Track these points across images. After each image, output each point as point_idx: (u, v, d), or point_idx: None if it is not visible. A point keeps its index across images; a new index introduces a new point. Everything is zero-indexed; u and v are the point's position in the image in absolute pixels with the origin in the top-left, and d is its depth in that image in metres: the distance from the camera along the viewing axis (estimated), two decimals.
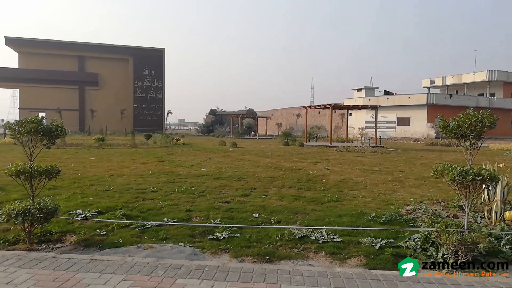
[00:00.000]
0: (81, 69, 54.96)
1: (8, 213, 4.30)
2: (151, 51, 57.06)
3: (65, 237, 4.71)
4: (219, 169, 11.51)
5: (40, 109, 53.00)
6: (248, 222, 5.39)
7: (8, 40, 51.99)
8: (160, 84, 56.74)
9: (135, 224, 5.15)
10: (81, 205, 6.25)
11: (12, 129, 4.45)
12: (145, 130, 37.30)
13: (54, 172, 4.58)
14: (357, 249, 4.30)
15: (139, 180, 9.17)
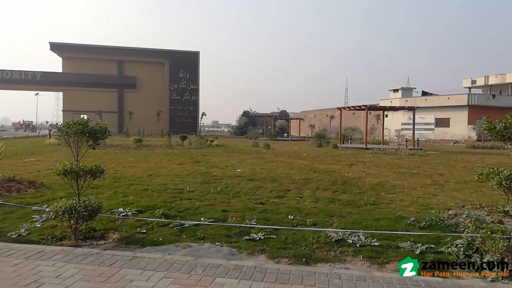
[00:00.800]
0: (120, 73, 56.95)
1: (56, 210, 4.53)
2: (186, 54, 58.25)
3: (107, 234, 4.90)
4: (253, 171, 11.58)
5: (82, 111, 55.38)
6: (283, 223, 5.39)
7: (53, 45, 54.76)
8: (195, 87, 57.79)
9: (174, 223, 5.28)
10: (122, 204, 6.48)
11: (60, 131, 4.70)
12: (180, 132, 38.15)
13: (98, 171, 4.79)
14: (396, 254, 4.20)
15: (176, 180, 9.39)
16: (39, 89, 62.38)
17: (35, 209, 6.03)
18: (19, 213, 5.82)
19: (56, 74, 55.51)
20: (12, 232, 4.83)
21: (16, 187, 7.72)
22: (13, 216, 5.66)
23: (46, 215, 5.62)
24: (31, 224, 5.19)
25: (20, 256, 3.83)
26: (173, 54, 57.52)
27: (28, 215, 5.68)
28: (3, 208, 6.09)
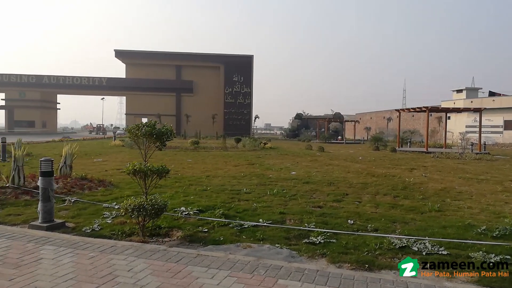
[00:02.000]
0: (178, 77, 59.32)
1: (126, 208, 4.81)
2: (241, 58, 59.27)
3: (172, 232, 5.12)
4: (308, 174, 11.49)
5: (143, 114, 58.47)
6: (343, 228, 5.29)
7: (117, 53, 58.39)
8: (248, 90, 58.60)
9: (233, 224, 5.39)
10: (184, 203, 6.74)
11: (130, 133, 4.99)
12: (234, 134, 38.88)
13: (164, 172, 5.02)
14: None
15: (233, 182, 9.57)
16: (105, 93, 66.80)
17: (105, 206, 6.46)
18: (91, 210, 6.27)
19: (120, 80, 59.07)
20: (86, 227, 5.20)
21: (88, 185, 8.31)
22: (86, 212, 6.10)
23: (115, 212, 5.99)
24: (103, 220, 5.56)
25: (95, 250, 4.12)
26: (228, 58, 58.81)
27: (100, 212, 6.10)
28: (77, 205, 6.60)
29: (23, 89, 57.52)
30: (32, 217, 5.62)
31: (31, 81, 57.25)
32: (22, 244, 4.29)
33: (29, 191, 7.27)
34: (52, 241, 4.42)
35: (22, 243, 4.31)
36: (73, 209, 6.27)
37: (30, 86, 57.39)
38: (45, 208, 5.21)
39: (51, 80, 57.58)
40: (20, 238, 4.54)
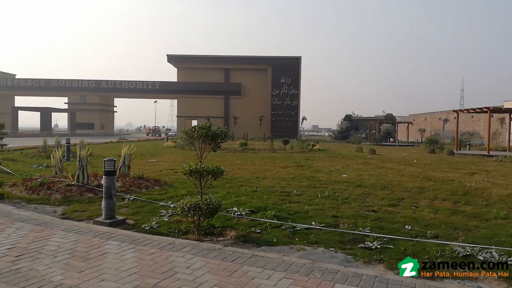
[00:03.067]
0: (226, 80, 60.38)
1: (182, 207, 4.97)
2: (288, 59, 59.13)
3: (225, 231, 5.21)
4: (360, 177, 11.19)
5: (193, 116, 60.16)
6: (400, 233, 5.09)
7: (169, 57, 60.60)
8: (296, 91, 58.30)
9: (286, 225, 5.38)
10: (235, 203, 6.83)
11: (187, 134, 5.16)
12: (281, 136, 38.81)
13: (218, 172, 5.13)
14: None
15: (282, 184, 9.56)
16: (157, 97, 69.58)
17: (161, 204, 6.72)
18: (148, 208, 6.54)
19: (172, 83, 61.23)
20: (145, 224, 5.44)
21: (145, 184, 8.68)
22: (144, 210, 6.38)
23: (171, 210, 6.21)
24: (160, 218, 5.78)
25: (155, 246, 4.30)
26: (275, 60, 58.92)
27: (156, 210, 6.35)
28: (135, 203, 6.92)
29: (84, 93, 61.44)
30: (95, 214, 5.97)
31: (91, 86, 60.99)
32: (89, 238, 4.58)
33: (92, 189, 7.74)
34: (115, 236, 4.67)
35: (88, 238, 4.60)
36: (132, 207, 6.59)
37: (90, 91, 61.17)
38: (108, 205, 5.52)
39: (109, 84, 60.98)
40: (87, 233, 4.84)
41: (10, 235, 4.66)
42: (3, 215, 5.75)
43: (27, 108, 60.25)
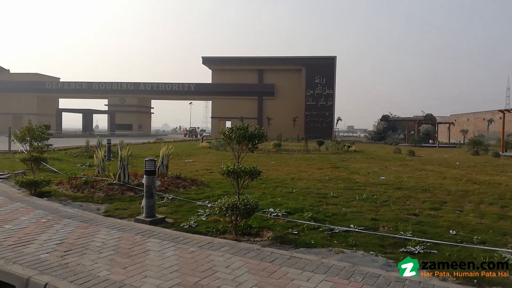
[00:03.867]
0: (260, 81, 60.57)
1: (220, 206, 5.03)
2: (323, 59, 58.45)
3: (262, 232, 5.22)
4: (399, 179, 10.87)
5: (227, 117, 60.79)
6: (444, 238, 4.89)
7: (204, 59, 61.63)
8: (330, 92, 57.54)
9: (323, 228, 5.31)
10: (271, 204, 6.83)
11: (225, 135, 5.21)
12: (315, 137, 38.39)
13: (256, 173, 5.14)
14: None
15: (318, 185, 9.45)
16: (192, 98, 70.85)
17: (199, 204, 6.82)
18: (187, 207, 6.67)
19: (206, 85, 62.20)
20: (184, 223, 5.54)
21: (182, 184, 8.86)
22: (183, 209, 6.51)
23: (208, 210, 6.30)
24: (198, 217, 5.87)
25: (194, 245, 4.37)
26: (309, 61, 58.44)
27: (194, 209, 6.46)
28: (174, 202, 7.07)
29: (123, 96, 63.63)
30: (136, 212, 6.16)
31: (130, 88, 63.05)
32: (131, 236, 4.72)
33: (133, 188, 7.99)
34: (156, 234, 4.80)
35: (131, 235, 4.75)
36: (171, 206, 6.74)
37: (128, 93, 63.25)
38: (149, 204, 5.67)
39: (146, 86, 62.82)
40: (129, 230, 5.00)
41: (58, 231, 4.90)
42: (51, 211, 6.05)
43: (70, 110, 63.15)
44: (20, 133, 8.15)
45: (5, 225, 5.12)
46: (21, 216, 5.69)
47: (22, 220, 5.44)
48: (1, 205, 6.44)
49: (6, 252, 4.03)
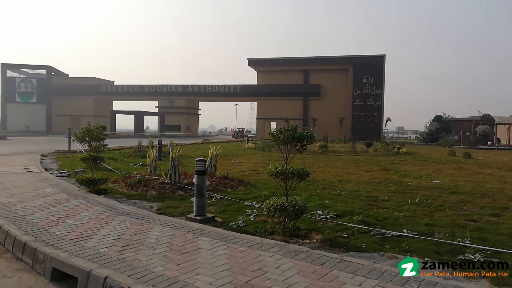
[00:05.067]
0: (305, 82, 60.10)
1: (268, 207, 5.05)
2: (371, 58, 56.87)
3: (310, 234, 5.17)
4: (454, 183, 10.32)
5: (272, 118, 60.92)
6: (506, 246, 4.57)
7: (250, 61, 62.23)
8: (379, 91, 55.82)
9: (374, 232, 5.17)
10: (319, 206, 6.75)
11: (273, 136, 5.23)
12: (362, 138, 37.41)
13: (304, 174, 5.11)
14: None
15: (368, 188, 9.21)
16: (238, 100, 71.88)
17: (246, 204, 6.90)
18: (234, 207, 6.77)
19: (252, 86, 62.75)
20: (232, 222, 5.63)
21: (230, 184, 9.00)
22: (231, 209, 6.61)
23: (256, 210, 6.35)
24: (246, 217, 5.94)
25: (244, 245, 4.42)
26: (357, 60, 57.10)
27: (242, 209, 6.54)
28: (222, 201, 7.20)
29: (172, 98, 65.87)
30: (187, 210, 6.35)
31: (178, 90, 65.14)
32: (183, 233, 4.88)
33: (183, 187, 8.23)
34: (206, 233, 4.91)
35: (183, 233, 4.90)
36: (220, 205, 6.87)
37: (177, 95, 65.36)
38: (199, 203, 5.82)
39: (194, 89, 64.58)
40: (181, 228, 5.16)
41: (115, 227, 5.16)
42: (109, 208, 6.39)
43: (124, 112, 66.33)
44: (80, 134, 8.68)
45: (68, 220, 5.48)
46: (82, 212, 6.06)
47: (82, 216, 5.80)
48: (64, 201, 6.90)
49: (69, 245, 4.31)
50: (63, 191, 7.94)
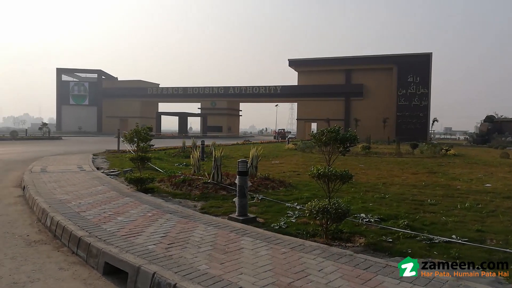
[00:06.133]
0: (347, 82, 58.97)
1: (310, 209, 5.03)
2: (416, 56, 54.79)
3: (353, 237, 5.10)
4: (508, 187, 9.72)
5: (312, 119, 60.37)
6: None
7: (290, 62, 62.06)
8: (425, 91, 53.64)
9: (421, 237, 5.00)
10: (362, 209, 6.62)
11: (315, 138, 5.21)
12: (407, 139, 36.09)
13: (347, 177, 5.05)
14: None
15: (413, 191, 8.90)
16: (278, 100, 71.90)
17: (287, 205, 6.91)
18: (276, 208, 6.80)
19: (293, 87, 62.54)
20: (274, 223, 5.67)
21: (271, 185, 9.05)
22: (272, 210, 6.65)
23: (298, 212, 6.35)
24: (287, 218, 5.95)
25: (286, 246, 4.45)
26: (402, 58, 55.25)
27: (283, 210, 6.56)
28: (264, 202, 7.26)
29: (214, 99, 67.14)
30: (229, 210, 6.46)
31: (220, 92, 66.28)
32: (226, 233, 4.98)
33: (225, 187, 8.39)
34: (248, 233, 4.98)
35: (226, 232, 5.01)
36: (261, 206, 6.93)
37: (219, 96, 66.54)
38: (241, 203, 5.91)
39: (235, 90, 65.40)
40: (224, 227, 5.27)
41: (162, 225, 5.37)
42: (155, 207, 6.65)
43: (168, 113, 68.46)
44: (128, 135, 9.09)
45: (118, 217, 5.77)
46: (131, 209, 6.36)
47: (131, 213, 6.08)
48: (114, 199, 7.26)
49: (119, 241, 4.54)
50: (113, 189, 8.35)
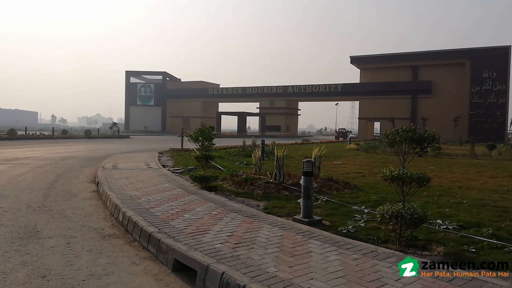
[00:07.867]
0: (414, 78, 55.92)
1: (383, 214, 4.73)
2: (493, 50, 50.37)
3: (430, 245, 4.70)
4: None
5: (375, 118, 58.15)
6: None
7: (352, 59, 60.29)
8: (503, 87, 49.10)
9: (510, 248, 4.48)
10: (438, 215, 6.14)
11: (388, 138, 4.89)
12: (482, 140, 33.35)
13: (424, 180, 4.67)
14: None
15: (494, 196, 8.11)
16: (339, 99, 70.18)
17: (354, 208, 6.60)
18: (341, 210, 6.53)
19: (354, 85, 60.75)
20: (341, 227, 5.42)
21: (335, 186, 8.75)
22: (338, 212, 6.39)
23: (366, 215, 6.03)
24: (355, 222, 5.67)
25: (357, 252, 4.20)
26: (475, 53, 51.18)
27: (350, 213, 6.27)
28: (328, 204, 7.01)
29: (272, 99, 67.33)
30: (292, 211, 6.32)
31: (279, 92, 66.29)
32: (292, 235, 4.84)
33: (288, 187, 8.26)
34: (315, 236, 4.80)
35: (292, 234, 4.87)
36: (326, 208, 6.70)
37: (277, 96, 66.58)
38: (306, 205, 5.75)
39: (294, 89, 65.03)
40: (289, 229, 5.14)
41: (227, 224, 5.37)
42: (220, 205, 6.71)
43: (228, 113, 69.95)
44: (194, 134, 9.31)
45: (185, 215, 5.88)
46: (197, 207, 6.46)
47: (197, 211, 6.18)
48: (180, 196, 7.45)
49: (187, 239, 4.60)
50: (179, 187, 8.60)
